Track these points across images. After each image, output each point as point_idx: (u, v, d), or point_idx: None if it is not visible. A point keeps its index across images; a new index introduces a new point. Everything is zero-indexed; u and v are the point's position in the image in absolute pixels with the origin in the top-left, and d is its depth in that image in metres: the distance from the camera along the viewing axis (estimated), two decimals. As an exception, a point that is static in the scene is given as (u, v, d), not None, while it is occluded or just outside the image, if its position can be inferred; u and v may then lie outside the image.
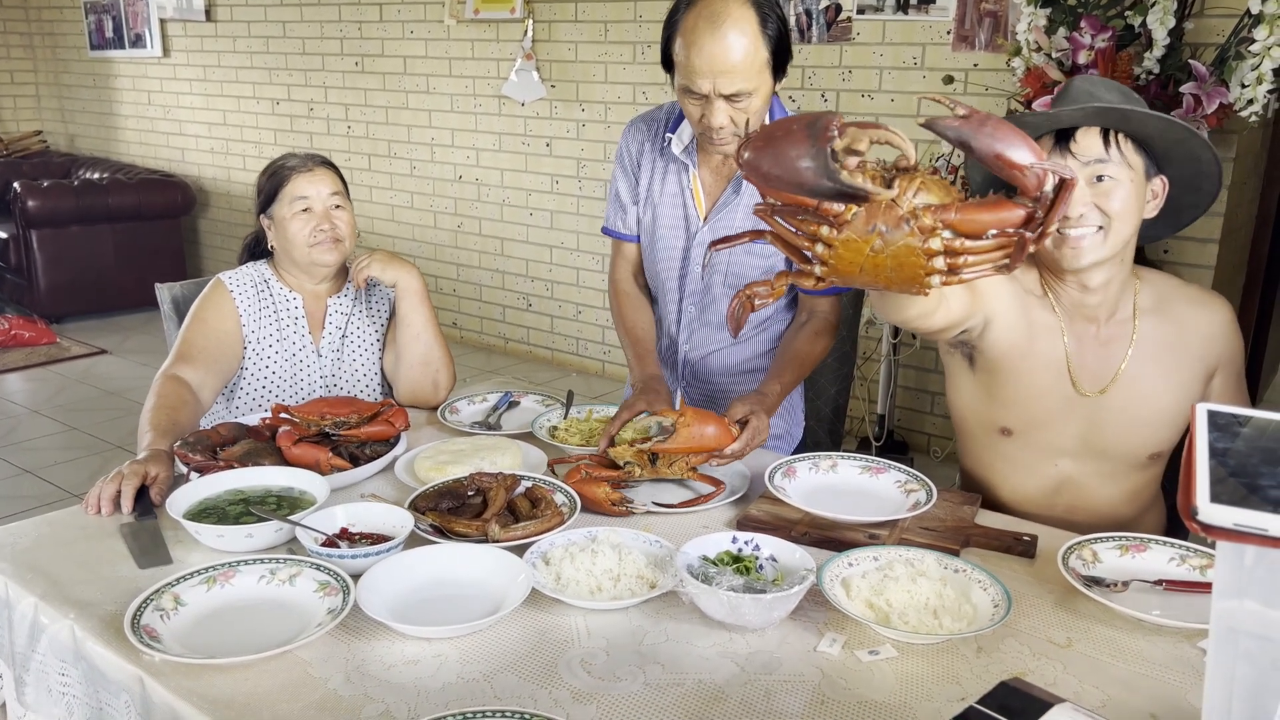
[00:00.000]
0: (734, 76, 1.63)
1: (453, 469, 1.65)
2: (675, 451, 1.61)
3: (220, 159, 6.28)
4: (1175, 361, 1.60)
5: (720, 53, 1.61)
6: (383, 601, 1.26)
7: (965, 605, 1.27)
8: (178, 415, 1.77)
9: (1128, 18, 2.82)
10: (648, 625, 1.26)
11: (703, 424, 1.60)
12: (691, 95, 1.68)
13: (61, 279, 5.64)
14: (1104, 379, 1.60)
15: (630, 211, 1.96)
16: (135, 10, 6.39)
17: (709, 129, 1.70)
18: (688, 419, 1.59)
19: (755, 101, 1.68)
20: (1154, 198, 1.54)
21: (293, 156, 2.04)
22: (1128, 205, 1.49)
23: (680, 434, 1.59)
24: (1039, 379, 1.61)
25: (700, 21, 1.63)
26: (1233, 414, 0.81)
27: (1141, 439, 1.62)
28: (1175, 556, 1.41)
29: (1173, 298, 1.61)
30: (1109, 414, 1.60)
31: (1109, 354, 1.60)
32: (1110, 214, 1.49)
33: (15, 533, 1.49)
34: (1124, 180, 1.48)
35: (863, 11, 3.71)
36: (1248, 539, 0.67)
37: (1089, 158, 1.48)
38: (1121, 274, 1.57)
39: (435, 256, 5.38)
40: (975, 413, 1.71)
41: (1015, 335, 1.60)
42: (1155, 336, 1.59)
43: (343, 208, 2.01)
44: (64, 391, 4.60)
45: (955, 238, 0.97)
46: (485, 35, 4.82)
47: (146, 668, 1.15)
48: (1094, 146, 1.48)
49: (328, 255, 1.99)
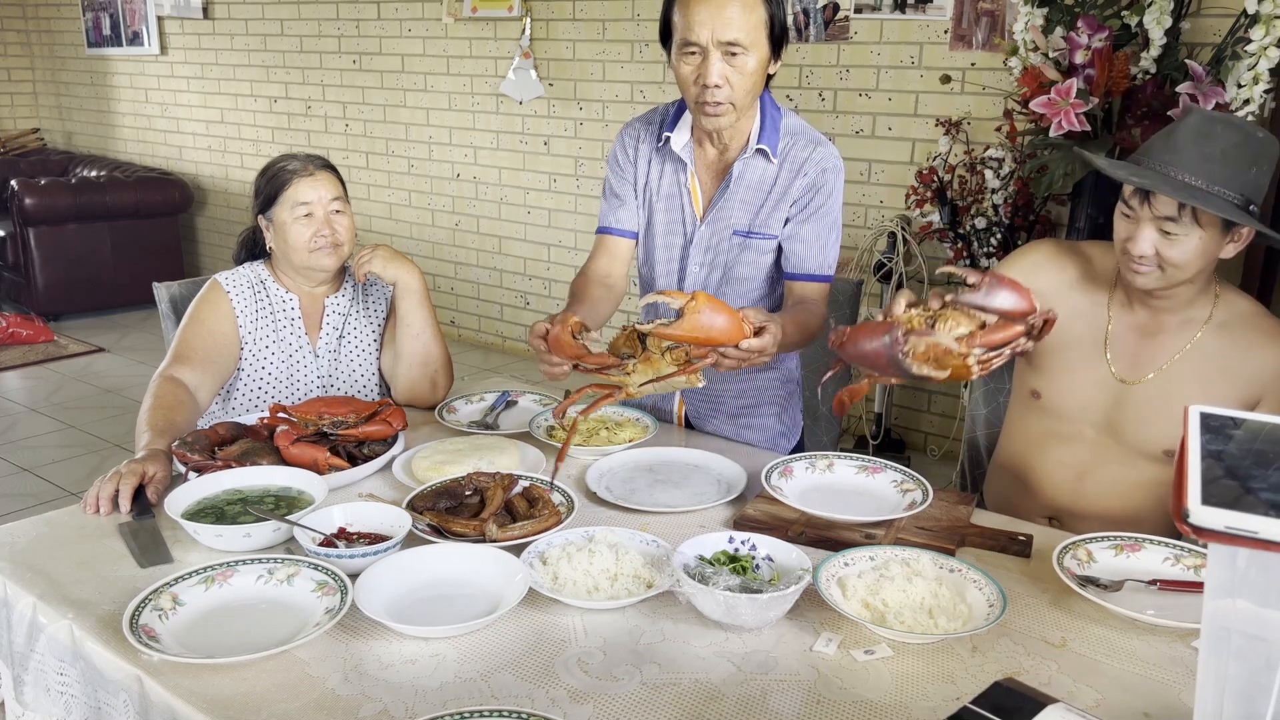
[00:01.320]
0: (731, 24, 1.66)
1: (450, 469, 1.65)
2: (678, 339, 1.44)
3: (218, 157, 6.28)
4: (1221, 378, 1.62)
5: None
6: (380, 601, 1.26)
7: (960, 605, 1.27)
8: (175, 416, 1.78)
9: (1124, 17, 2.83)
10: (644, 625, 1.27)
11: (714, 312, 1.43)
12: (689, 51, 1.70)
13: (59, 277, 5.63)
14: (1143, 369, 1.66)
15: (629, 205, 1.96)
16: (133, 8, 6.39)
17: (704, 89, 1.71)
18: (698, 304, 1.41)
19: (750, 62, 1.70)
20: (1235, 240, 1.55)
21: (293, 159, 2.03)
22: (1187, 259, 1.53)
23: (688, 320, 1.41)
24: (1072, 354, 1.71)
25: None
26: (1226, 416, 0.81)
27: (1161, 433, 1.65)
28: (1170, 556, 1.42)
29: (1248, 323, 1.63)
30: (1136, 402, 1.66)
31: (1156, 347, 1.66)
32: (1168, 261, 1.54)
33: (14, 532, 1.49)
34: (1191, 238, 1.52)
35: (860, 11, 3.71)
36: (1239, 541, 0.67)
37: (1160, 214, 1.52)
38: (1189, 291, 1.62)
39: (433, 254, 5.38)
40: (1012, 373, 1.83)
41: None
42: (1212, 350, 1.62)
43: (342, 212, 2.01)
44: (61, 389, 4.60)
45: (984, 352, 1.35)
46: (483, 33, 4.82)
47: (145, 667, 1.16)
48: (1168, 207, 1.51)
49: (327, 260, 1.99)
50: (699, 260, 1.91)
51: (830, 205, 1.85)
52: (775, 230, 1.86)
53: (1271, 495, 0.70)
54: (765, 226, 1.86)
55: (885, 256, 3.59)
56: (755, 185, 1.85)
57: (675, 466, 1.76)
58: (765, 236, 1.86)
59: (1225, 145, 1.49)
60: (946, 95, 3.56)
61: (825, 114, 3.88)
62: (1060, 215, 3.30)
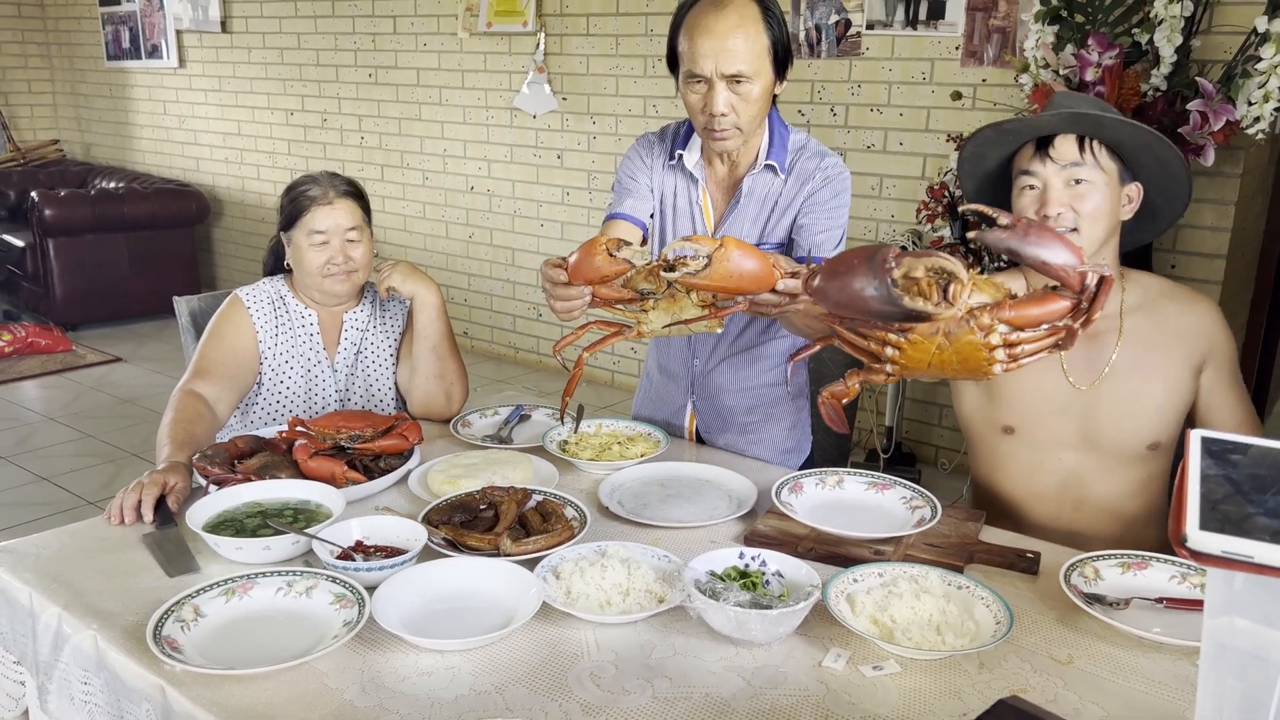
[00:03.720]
0: (735, 57, 1.70)
1: (465, 482, 1.68)
2: (708, 288, 1.35)
3: (234, 169, 6.34)
4: (1163, 355, 1.68)
5: (723, 32, 1.70)
6: (397, 614, 1.29)
7: (968, 622, 1.29)
8: (195, 429, 1.81)
9: (1135, 35, 2.84)
10: (656, 639, 1.29)
11: (745, 256, 1.32)
12: (694, 81, 1.75)
13: (77, 287, 5.70)
14: (1095, 373, 1.69)
15: (640, 196, 1.94)
16: (152, 21, 6.46)
17: (711, 117, 1.76)
18: (727, 250, 1.31)
19: (755, 90, 1.74)
20: (1129, 202, 1.65)
21: (314, 183, 2.02)
22: (1100, 207, 1.61)
23: (717, 267, 1.32)
24: (1033, 376, 1.70)
25: (706, 8, 1.73)
26: (1228, 441, 0.83)
27: (1134, 430, 1.69)
28: (1176, 574, 1.43)
29: (1159, 297, 1.71)
30: (1102, 406, 1.69)
31: (1098, 347, 1.69)
32: (1083, 214, 1.60)
33: (39, 543, 1.52)
34: (1098, 184, 1.60)
35: (872, 27, 3.74)
36: (1236, 566, 0.69)
37: (1065, 161, 1.60)
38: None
39: (447, 266, 5.42)
40: (979, 414, 1.80)
41: None
42: (1141, 333, 1.68)
43: (358, 241, 2.03)
44: (79, 399, 4.65)
45: (1011, 331, 1.06)
46: (498, 48, 4.86)
47: (167, 677, 1.18)
48: (1070, 151, 1.60)
49: (339, 287, 2.02)
50: None
51: (838, 201, 1.87)
52: (783, 238, 1.90)
53: (1269, 520, 0.71)
54: (773, 236, 1.90)
55: (896, 271, 3.60)
56: (763, 199, 1.89)
57: (686, 481, 1.78)
58: (774, 246, 1.90)
59: (1090, 101, 1.62)
60: (958, 111, 3.58)
61: (837, 129, 3.90)
62: (1071, 231, 3.31)
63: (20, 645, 1.42)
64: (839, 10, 3.79)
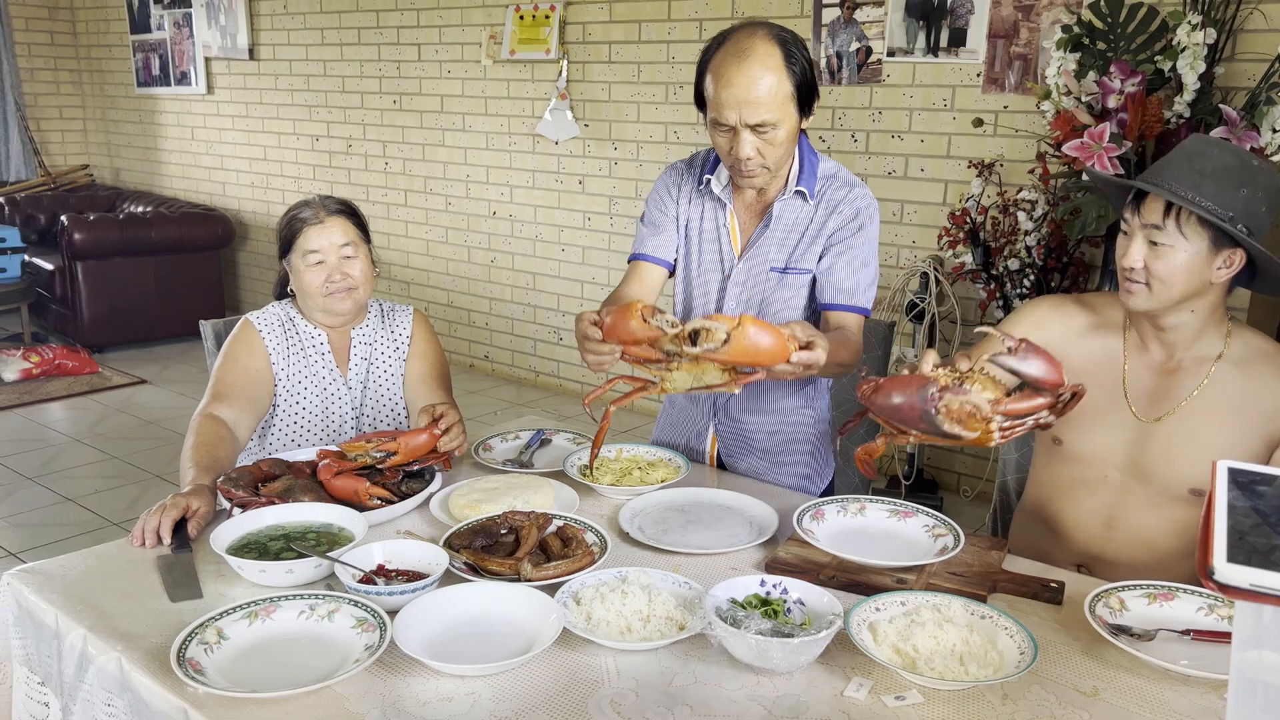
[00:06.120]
0: (758, 107, 1.72)
1: (486, 506, 1.68)
2: (727, 362, 1.51)
3: (260, 193, 6.42)
4: (1240, 415, 1.63)
5: (745, 84, 1.71)
6: (418, 638, 1.29)
7: (991, 652, 1.28)
8: (217, 452, 1.83)
9: (1158, 62, 2.84)
10: (677, 667, 1.29)
11: (760, 332, 1.47)
12: (720, 128, 1.77)
13: (104, 310, 5.77)
14: (1162, 407, 1.68)
15: (666, 235, 2.00)
16: (181, 49, 6.58)
17: (737, 160, 1.79)
18: (744, 329, 1.46)
19: (780, 134, 1.76)
20: (1227, 266, 1.58)
21: (306, 206, 2.07)
22: (1176, 272, 1.57)
23: (735, 344, 1.46)
24: (1091, 397, 1.67)
25: (728, 57, 1.73)
26: (1255, 473, 0.82)
27: (1180, 472, 1.66)
28: (1204, 606, 1.41)
29: (1261, 358, 1.65)
30: (1156, 440, 1.67)
31: (1173, 384, 1.67)
32: (1154, 274, 1.58)
33: (65, 565, 1.53)
34: (1178, 248, 1.56)
35: (893, 54, 3.75)
36: (1264, 599, 0.68)
37: (1146, 222, 1.58)
38: (1195, 321, 1.64)
39: (468, 290, 5.46)
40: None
41: (1069, 365, 1.66)
42: (1231, 386, 1.64)
43: (354, 257, 2.05)
44: (104, 420, 4.70)
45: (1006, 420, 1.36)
46: (521, 75, 4.91)
47: (190, 700, 1.19)
48: (1154, 213, 1.57)
49: (341, 304, 2.05)
50: (735, 295, 1.96)
51: (864, 237, 1.89)
52: (810, 265, 1.91)
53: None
54: (801, 262, 1.91)
55: (918, 297, 3.60)
56: (792, 225, 1.91)
57: (707, 507, 1.78)
58: (801, 271, 1.92)
59: (1216, 165, 1.54)
60: (979, 137, 3.58)
61: (858, 155, 3.91)
62: (1094, 257, 3.30)
63: (45, 666, 1.43)
64: (860, 38, 3.81)
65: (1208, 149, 1.57)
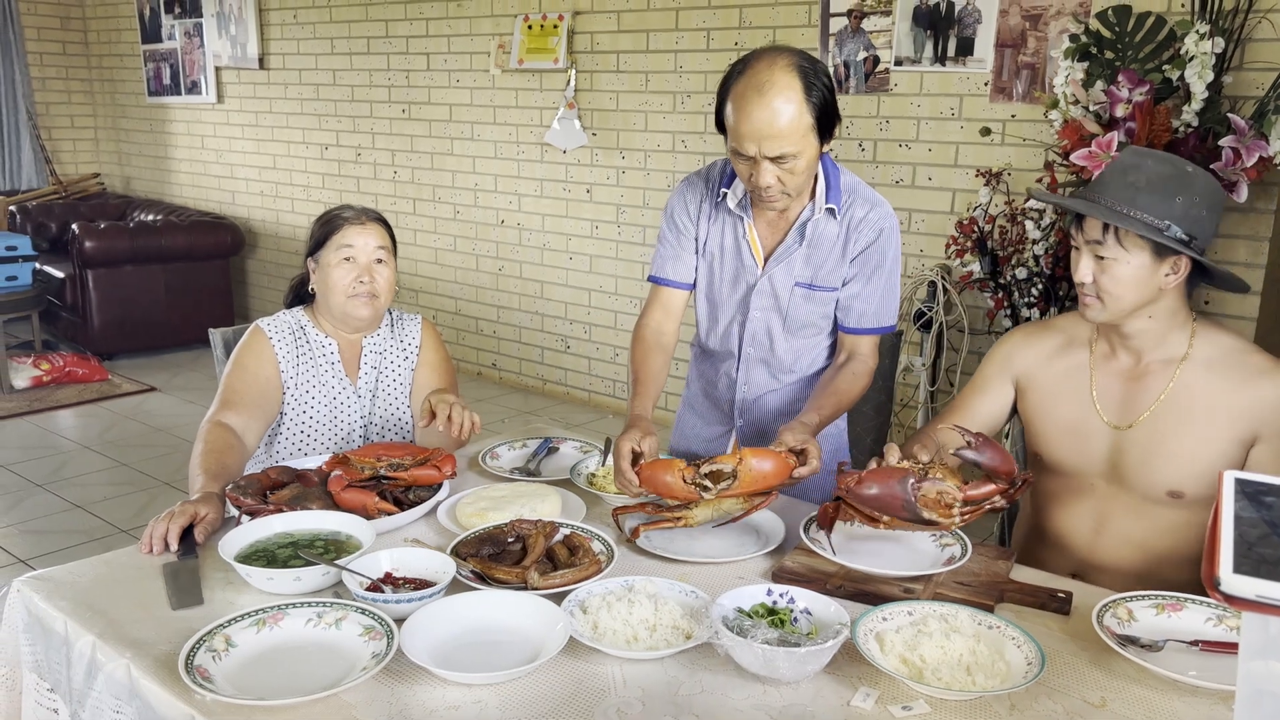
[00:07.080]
0: (778, 141, 1.71)
1: (493, 515, 1.69)
2: (739, 494, 1.67)
3: (269, 202, 6.45)
4: (1210, 415, 1.64)
5: (765, 118, 1.69)
6: (425, 646, 1.29)
7: (999, 662, 1.27)
8: (226, 459, 1.83)
9: (1165, 71, 2.84)
10: (683, 676, 1.29)
11: (761, 461, 1.65)
12: (741, 157, 1.77)
13: (114, 317, 5.79)
14: (1134, 413, 1.70)
15: (685, 256, 2.00)
16: (192, 59, 6.62)
17: (757, 188, 1.79)
18: (747, 463, 1.64)
19: (800, 163, 1.76)
20: (1174, 271, 1.60)
21: (349, 208, 2.11)
22: (1123, 284, 1.61)
23: (743, 478, 1.64)
24: (1063, 411, 1.77)
25: (748, 89, 1.71)
26: (1261, 483, 0.82)
27: (1157, 475, 1.68)
28: (1212, 617, 1.41)
29: (1236, 359, 1.65)
30: (1133, 446, 1.70)
31: (1141, 389, 1.70)
32: (1103, 287, 1.62)
33: (74, 571, 1.54)
34: (1120, 262, 1.60)
35: (900, 63, 3.76)
36: (1270, 610, 0.68)
37: (1089, 238, 1.62)
38: (1157, 325, 1.67)
39: (476, 299, 5.47)
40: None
41: (1042, 388, 1.80)
42: (1197, 386, 1.65)
43: (385, 263, 2.07)
44: (114, 428, 4.72)
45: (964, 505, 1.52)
46: (529, 84, 4.93)
47: (198, 707, 1.19)
48: (1094, 230, 1.62)
49: (362, 309, 2.05)
50: (760, 306, 1.97)
51: (887, 260, 1.92)
52: (836, 284, 1.93)
53: (1304, 564, 0.71)
54: (828, 280, 1.93)
55: (925, 305, 3.60)
56: (818, 242, 1.92)
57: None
58: (827, 289, 1.93)
59: (1151, 175, 1.58)
60: (987, 146, 3.58)
61: (865, 164, 3.91)
62: (1102, 266, 3.29)
63: (54, 673, 1.44)
64: (867, 47, 3.81)
65: (1141, 160, 1.61)
